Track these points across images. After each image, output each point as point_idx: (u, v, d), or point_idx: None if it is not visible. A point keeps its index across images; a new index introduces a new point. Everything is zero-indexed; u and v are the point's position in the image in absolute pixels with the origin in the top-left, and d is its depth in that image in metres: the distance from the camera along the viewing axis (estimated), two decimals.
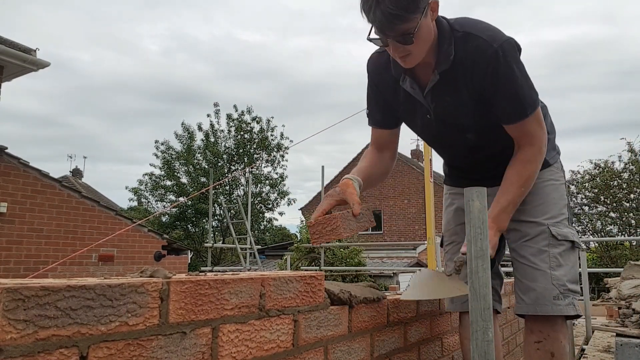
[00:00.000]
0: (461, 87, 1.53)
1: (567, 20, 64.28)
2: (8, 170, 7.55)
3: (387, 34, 1.38)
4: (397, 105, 1.69)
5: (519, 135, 1.56)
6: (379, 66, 1.66)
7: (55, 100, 54.86)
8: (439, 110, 1.60)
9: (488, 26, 1.51)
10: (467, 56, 1.48)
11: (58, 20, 63.28)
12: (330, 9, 67.83)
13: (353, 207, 1.48)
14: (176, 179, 24.17)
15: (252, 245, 12.38)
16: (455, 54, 1.49)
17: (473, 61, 1.47)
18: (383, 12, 1.32)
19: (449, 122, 1.62)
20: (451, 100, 1.56)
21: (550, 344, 1.58)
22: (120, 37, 52.51)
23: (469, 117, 1.59)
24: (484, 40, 1.46)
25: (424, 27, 1.40)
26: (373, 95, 1.73)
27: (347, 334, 1.27)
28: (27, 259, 7.73)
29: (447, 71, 1.51)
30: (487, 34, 1.47)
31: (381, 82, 1.68)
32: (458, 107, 1.57)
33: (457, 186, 1.88)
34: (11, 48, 6.61)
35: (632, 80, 46.34)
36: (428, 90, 1.57)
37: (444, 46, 1.49)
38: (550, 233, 1.63)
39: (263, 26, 56.38)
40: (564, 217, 1.70)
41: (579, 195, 18.53)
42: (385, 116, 1.74)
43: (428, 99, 1.59)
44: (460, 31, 1.49)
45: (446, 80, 1.53)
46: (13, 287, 0.63)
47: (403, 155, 26.85)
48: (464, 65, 1.49)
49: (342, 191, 1.52)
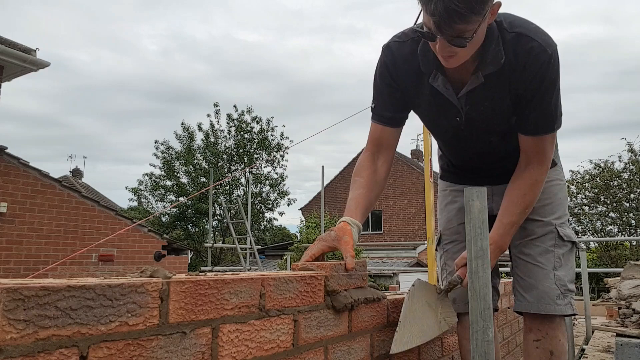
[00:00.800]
0: (504, 93, 1.43)
1: (566, 20, 64.39)
2: (8, 170, 7.55)
3: (442, 31, 1.22)
4: (417, 101, 1.56)
5: (534, 150, 1.49)
6: (401, 57, 1.50)
7: (55, 100, 55.00)
8: (473, 115, 1.50)
9: (538, 27, 1.39)
10: (518, 60, 1.37)
11: (56, 19, 63.40)
12: (329, 9, 67.80)
13: (346, 260, 1.31)
14: (176, 179, 24.16)
15: (252, 245, 12.39)
16: (505, 57, 1.37)
17: (524, 65, 1.37)
18: (447, 6, 1.16)
19: (481, 127, 1.53)
20: (490, 105, 1.46)
21: (549, 342, 1.59)
22: (119, 37, 52.67)
23: (501, 123, 1.50)
24: (538, 44, 1.35)
25: (480, 31, 1.27)
26: (386, 89, 1.56)
27: (347, 334, 1.27)
28: (27, 259, 7.73)
29: (492, 74, 1.40)
30: (541, 37, 1.36)
31: (402, 74, 1.52)
32: (496, 113, 1.48)
33: (460, 183, 1.81)
34: (11, 48, 6.60)
35: (631, 80, 46.33)
36: (464, 93, 1.45)
37: (491, 46, 1.36)
38: (558, 234, 1.64)
39: (261, 26, 56.48)
40: (567, 217, 1.72)
41: (579, 195, 18.54)
42: (396, 113, 1.60)
43: (462, 101, 1.47)
44: (510, 31, 1.37)
45: (489, 83, 1.42)
46: (13, 287, 0.63)
47: (403, 155, 26.85)
48: (513, 69, 1.38)
49: (338, 238, 1.37)
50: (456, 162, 1.83)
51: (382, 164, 1.63)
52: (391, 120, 1.61)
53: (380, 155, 1.63)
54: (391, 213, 24.68)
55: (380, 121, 1.61)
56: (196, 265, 20.65)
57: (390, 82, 1.55)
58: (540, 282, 1.61)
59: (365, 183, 1.57)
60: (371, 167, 1.60)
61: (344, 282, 1.29)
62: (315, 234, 15.71)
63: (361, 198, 1.54)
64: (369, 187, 1.58)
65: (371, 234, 24.77)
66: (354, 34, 58.79)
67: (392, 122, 1.61)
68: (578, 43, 55.08)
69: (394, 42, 1.53)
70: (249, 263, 12.43)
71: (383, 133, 1.62)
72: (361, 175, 1.59)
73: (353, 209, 1.50)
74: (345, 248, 1.35)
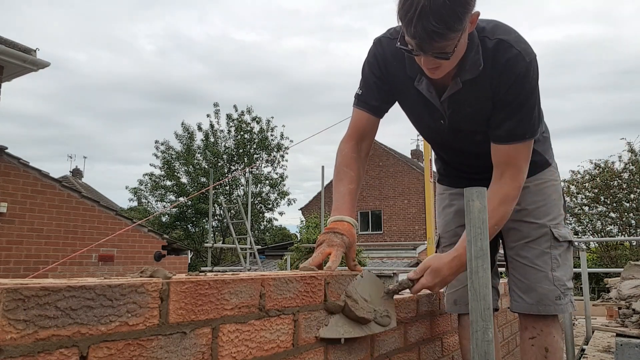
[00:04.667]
0: (485, 98, 1.45)
1: (563, 19, 64.39)
2: (8, 170, 7.55)
3: (424, 50, 1.26)
4: (404, 98, 1.59)
5: (506, 161, 1.47)
6: (392, 53, 1.52)
7: (54, 100, 55.01)
8: (455, 118, 1.52)
9: (520, 36, 1.42)
10: (497, 66, 1.39)
11: (53, 19, 63.44)
12: (325, 9, 67.82)
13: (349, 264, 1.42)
14: (176, 179, 24.17)
15: (252, 245, 12.39)
16: (484, 64, 1.39)
17: (501, 72, 1.39)
18: (425, 28, 1.19)
19: (463, 129, 1.55)
20: (472, 109, 1.48)
21: (544, 339, 1.61)
22: (116, 37, 52.67)
23: (485, 125, 1.52)
24: (517, 53, 1.37)
25: (462, 42, 1.30)
26: (375, 80, 1.57)
27: None
28: (27, 259, 7.73)
29: (471, 80, 1.42)
30: (521, 45, 1.38)
31: (391, 70, 1.54)
32: (477, 117, 1.50)
33: (456, 187, 1.83)
34: (11, 48, 6.61)
35: (630, 79, 46.40)
36: (446, 97, 1.48)
37: (470, 53, 1.39)
38: (553, 235, 1.64)
39: (258, 26, 56.42)
40: (562, 217, 1.72)
41: (579, 195, 18.51)
42: (382, 103, 1.61)
43: (445, 105, 1.50)
44: (492, 38, 1.39)
45: (469, 89, 1.44)
46: (13, 287, 0.63)
47: (403, 155, 26.85)
48: (492, 76, 1.40)
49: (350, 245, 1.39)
50: (450, 164, 1.84)
51: (365, 155, 1.63)
52: (377, 109, 1.61)
53: (364, 145, 1.62)
54: (391, 213, 24.67)
55: (367, 109, 1.60)
56: (196, 265, 20.66)
57: (380, 75, 1.56)
58: (539, 284, 1.62)
59: (356, 177, 1.56)
60: (358, 159, 1.60)
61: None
62: (315, 234, 15.70)
63: (354, 194, 1.54)
64: (359, 181, 1.58)
65: (371, 234, 24.76)
66: (350, 33, 58.85)
67: (377, 111, 1.61)
68: (575, 42, 55.19)
69: (385, 38, 1.55)
70: (249, 263, 12.43)
71: (368, 121, 1.61)
72: (351, 167, 1.57)
73: (350, 207, 1.50)
74: (352, 256, 1.41)
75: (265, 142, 24.72)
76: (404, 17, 1.23)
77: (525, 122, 1.44)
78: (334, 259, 1.32)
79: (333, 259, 1.32)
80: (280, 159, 25.16)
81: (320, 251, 1.34)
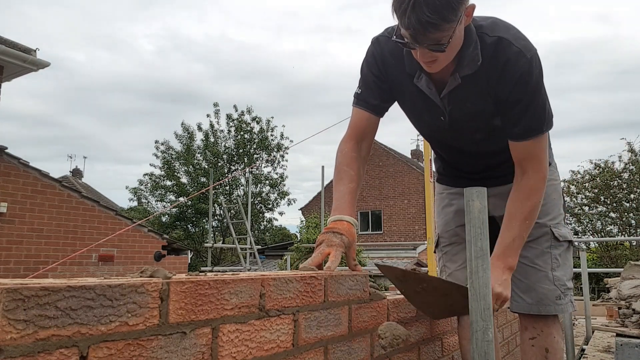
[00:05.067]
0: (484, 94, 1.45)
1: (562, 20, 64.42)
2: (8, 170, 7.55)
3: (419, 42, 1.28)
4: (403, 96, 1.59)
5: (526, 157, 1.47)
6: (390, 52, 1.53)
7: (53, 100, 55.03)
8: (455, 114, 1.52)
9: (519, 33, 1.42)
10: (497, 63, 1.39)
11: (51, 19, 63.39)
12: (324, 9, 67.82)
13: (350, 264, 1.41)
14: (176, 179, 24.17)
15: (252, 245, 12.39)
16: (482, 60, 1.40)
17: (503, 69, 1.39)
18: (419, 18, 1.21)
19: (464, 126, 1.55)
20: (472, 105, 1.49)
21: (544, 340, 1.61)
22: (115, 37, 52.62)
23: (486, 122, 1.52)
24: (518, 50, 1.37)
25: (457, 34, 1.31)
26: (374, 79, 1.57)
27: (347, 334, 1.27)
28: (27, 259, 7.73)
29: (470, 76, 1.43)
30: (521, 42, 1.39)
31: (389, 69, 1.55)
32: (477, 113, 1.50)
33: (456, 186, 1.82)
34: (11, 48, 6.61)
35: (629, 79, 46.40)
36: (446, 93, 1.48)
37: (468, 49, 1.39)
38: (553, 235, 1.65)
39: (257, 26, 56.41)
40: (562, 216, 1.72)
41: (579, 195, 18.52)
42: (382, 102, 1.60)
43: (445, 101, 1.50)
44: (491, 35, 1.40)
45: (468, 84, 1.44)
46: (13, 287, 0.63)
47: (403, 155, 26.85)
48: (490, 72, 1.41)
49: (349, 245, 1.39)
50: (450, 162, 1.83)
51: (365, 154, 1.63)
52: (377, 108, 1.60)
53: (364, 145, 1.62)
54: (391, 213, 24.67)
55: (367, 108, 1.59)
56: (196, 265, 20.65)
57: (378, 74, 1.56)
58: (539, 284, 1.62)
59: (356, 176, 1.56)
60: (359, 158, 1.59)
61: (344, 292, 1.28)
62: (315, 234, 15.70)
63: (354, 193, 1.54)
64: (359, 180, 1.57)
65: (371, 234, 24.76)
66: (350, 33, 58.86)
67: (377, 110, 1.61)
68: (574, 43, 55.22)
69: (383, 37, 1.56)
70: (249, 263, 12.43)
71: (368, 121, 1.61)
72: (351, 167, 1.56)
73: (350, 206, 1.49)
74: (352, 256, 1.41)
75: (265, 142, 24.72)
76: (398, 9, 1.24)
77: (540, 115, 1.44)
78: (333, 259, 1.32)
79: (332, 259, 1.32)
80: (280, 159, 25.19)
81: (320, 251, 1.35)
